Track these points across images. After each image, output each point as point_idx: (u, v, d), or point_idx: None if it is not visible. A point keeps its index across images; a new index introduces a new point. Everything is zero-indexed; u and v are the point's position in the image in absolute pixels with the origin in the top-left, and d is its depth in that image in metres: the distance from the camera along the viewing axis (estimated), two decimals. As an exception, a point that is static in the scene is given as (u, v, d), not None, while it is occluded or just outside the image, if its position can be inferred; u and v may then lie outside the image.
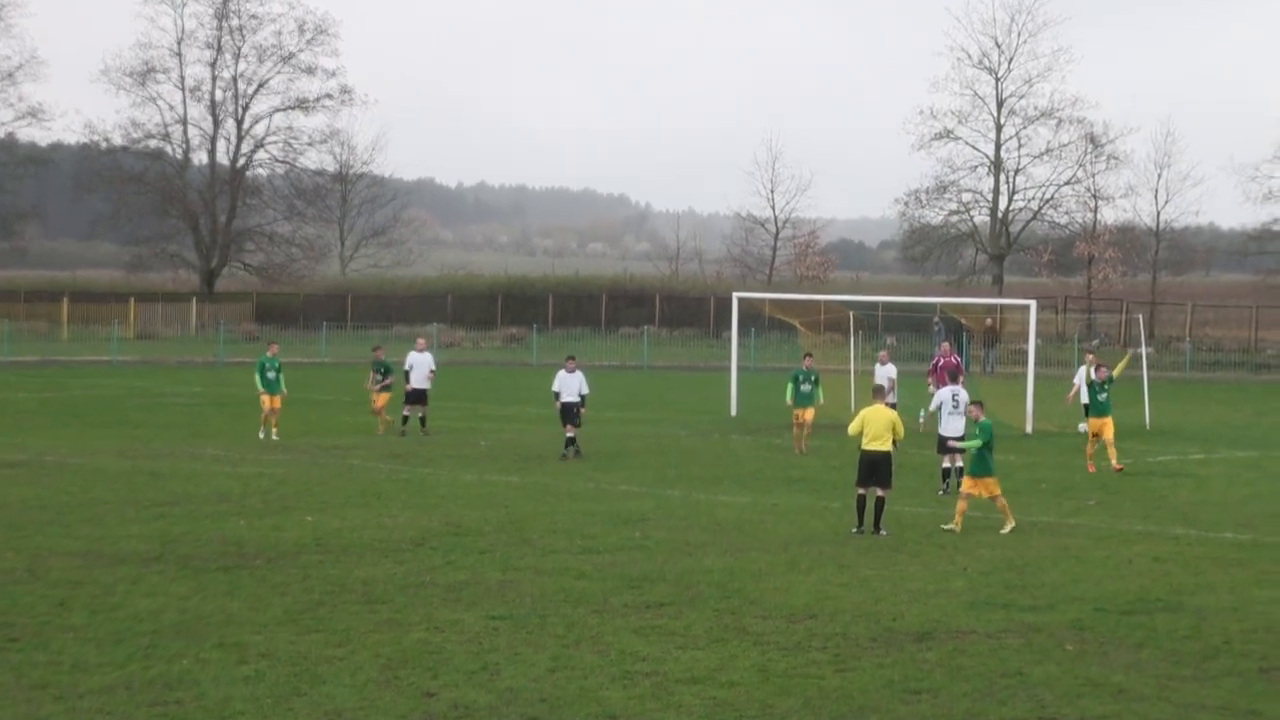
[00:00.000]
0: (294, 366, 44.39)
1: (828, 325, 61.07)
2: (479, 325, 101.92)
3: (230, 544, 24.22)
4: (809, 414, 39.99)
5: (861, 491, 26.57)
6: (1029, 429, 45.92)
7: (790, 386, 40.42)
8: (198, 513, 27.62)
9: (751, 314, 67.92)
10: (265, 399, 42.07)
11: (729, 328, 56.92)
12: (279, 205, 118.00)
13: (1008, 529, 26.64)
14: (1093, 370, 37.35)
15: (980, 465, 27.06)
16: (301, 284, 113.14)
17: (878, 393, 27.69)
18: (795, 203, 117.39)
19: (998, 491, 27.11)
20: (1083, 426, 43.17)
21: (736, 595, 20.55)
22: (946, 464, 32.08)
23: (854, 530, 26.34)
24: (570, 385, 38.80)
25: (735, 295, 55.33)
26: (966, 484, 27.13)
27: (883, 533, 26.18)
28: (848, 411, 45.38)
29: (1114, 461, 35.77)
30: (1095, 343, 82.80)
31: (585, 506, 29.15)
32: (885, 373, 42.00)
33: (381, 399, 43.63)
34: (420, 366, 43.75)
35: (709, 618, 19.10)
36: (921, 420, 45.74)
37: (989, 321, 77.66)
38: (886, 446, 26.63)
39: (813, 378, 40.40)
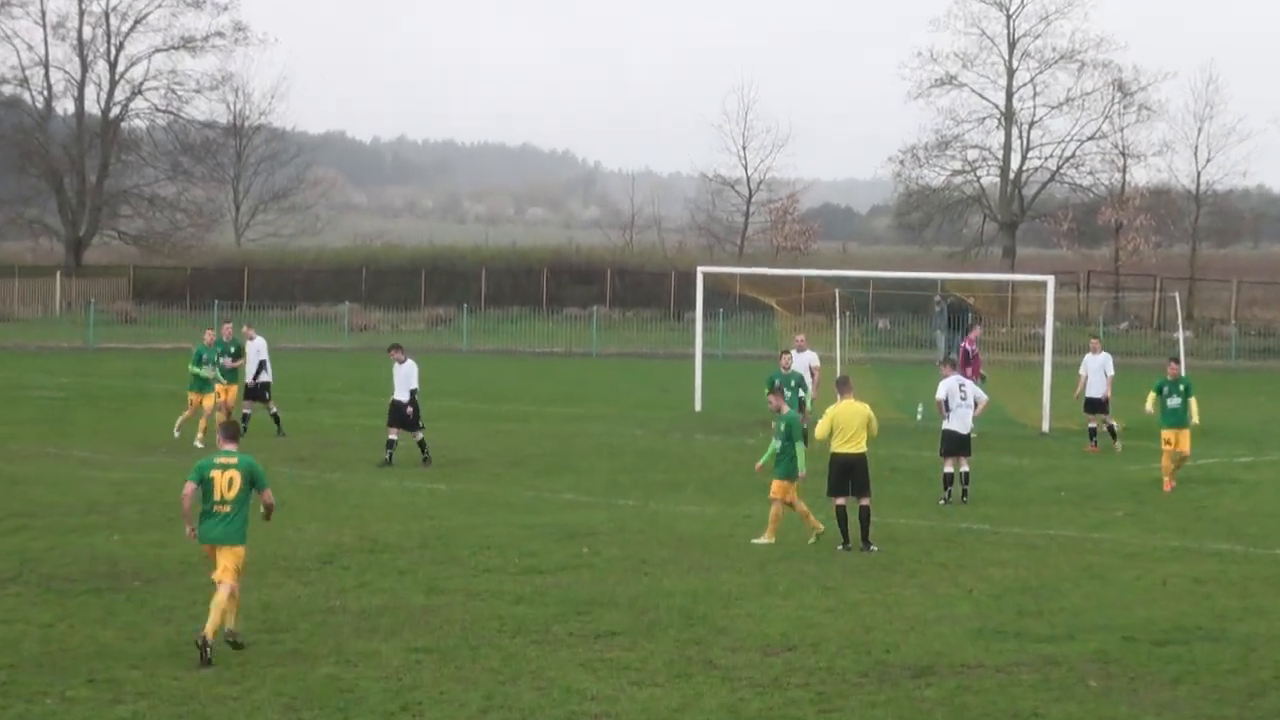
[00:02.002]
0: (184, 354, 43.88)
1: (809, 305, 61.08)
2: (399, 305, 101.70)
3: (103, 562, 24.11)
4: None
5: (840, 502, 26.64)
6: (1045, 427, 46.06)
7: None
8: (64, 525, 27.49)
9: (720, 292, 67.88)
10: (193, 397, 41.13)
11: (693, 308, 56.89)
12: (160, 163, 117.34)
13: (763, 540, 26.81)
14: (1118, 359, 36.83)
15: (787, 466, 27.13)
16: (188, 256, 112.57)
17: (844, 386, 27.64)
18: (771, 161, 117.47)
19: (794, 497, 27.20)
20: (1112, 424, 43.26)
21: (702, 623, 20.57)
22: (949, 468, 32.15)
23: (840, 547, 26.41)
24: (399, 380, 37.65)
25: (700, 270, 55.36)
26: (774, 488, 27.25)
27: (873, 549, 26.26)
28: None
29: (1168, 479, 34.96)
30: (1096, 326, 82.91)
31: (524, 519, 29.13)
32: (804, 360, 41.02)
33: (228, 393, 42.08)
34: (250, 358, 43.05)
35: (669, 649, 19.11)
36: (920, 415, 45.87)
37: (937, 300, 78.14)
38: (861, 448, 26.77)
39: (793, 382, 38.36)
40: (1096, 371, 42.36)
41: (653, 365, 74.88)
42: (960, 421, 31.87)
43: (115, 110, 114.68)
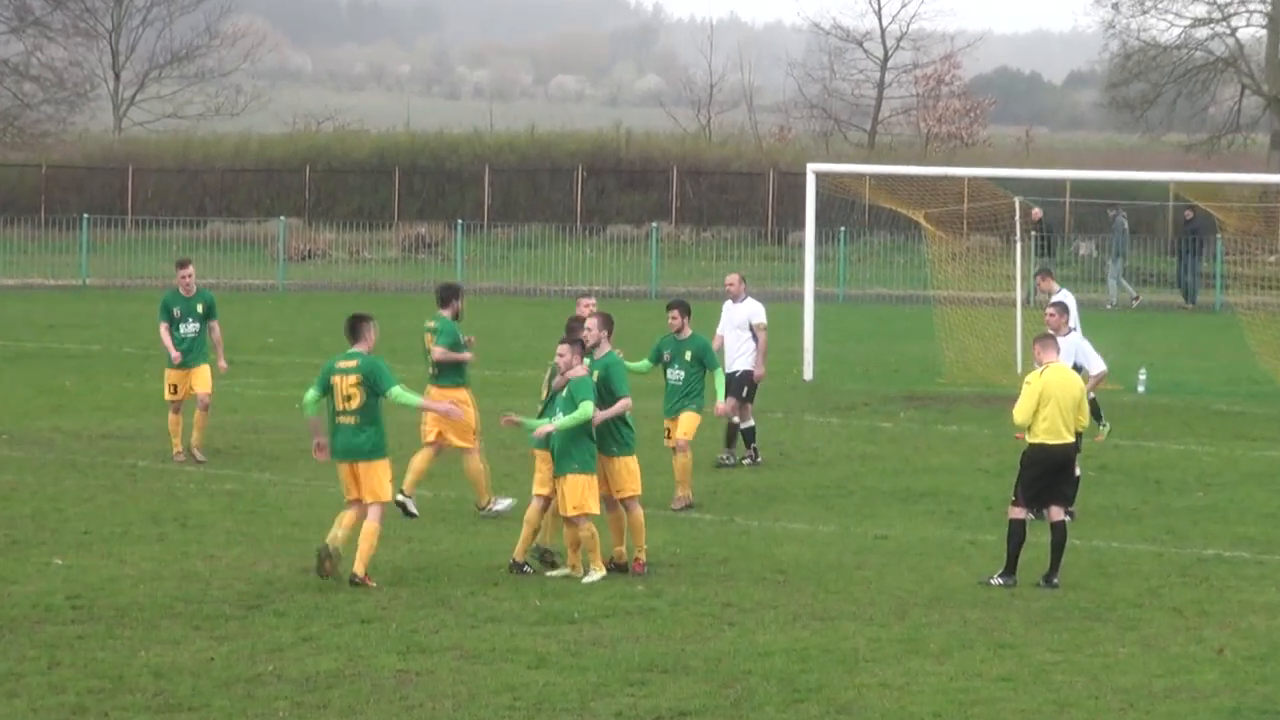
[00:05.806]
0: (35, 293, 43.99)
1: (975, 221, 60.99)
2: (360, 221, 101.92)
3: (-80, 606, 24.27)
4: (682, 427, 33.84)
5: (1020, 515, 26.50)
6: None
7: (644, 363, 35.04)
8: None
9: (842, 200, 67.89)
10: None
11: (800, 226, 56.86)
12: (1, 10, 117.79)
13: (591, 576, 26.49)
14: None
15: (567, 454, 26.61)
16: (44, 148, 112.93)
17: (1046, 344, 27.39)
18: (918, 7, 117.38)
19: (589, 508, 26.55)
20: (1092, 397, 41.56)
21: (815, 696, 20.61)
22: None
23: (999, 579, 26.25)
24: None
25: (811, 168, 55.21)
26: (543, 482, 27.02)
27: (1056, 582, 26.28)
28: (1011, 372, 45.39)
29: None
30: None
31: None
32: (740, 315, 37.56)
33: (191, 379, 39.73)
34: None
35: (767, 737, 19.16)
36: (1142, 385, 45.84)
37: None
38: (1071, 437, 26.91)
39: (688, 352, 34.40)
40: None
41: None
42: None
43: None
